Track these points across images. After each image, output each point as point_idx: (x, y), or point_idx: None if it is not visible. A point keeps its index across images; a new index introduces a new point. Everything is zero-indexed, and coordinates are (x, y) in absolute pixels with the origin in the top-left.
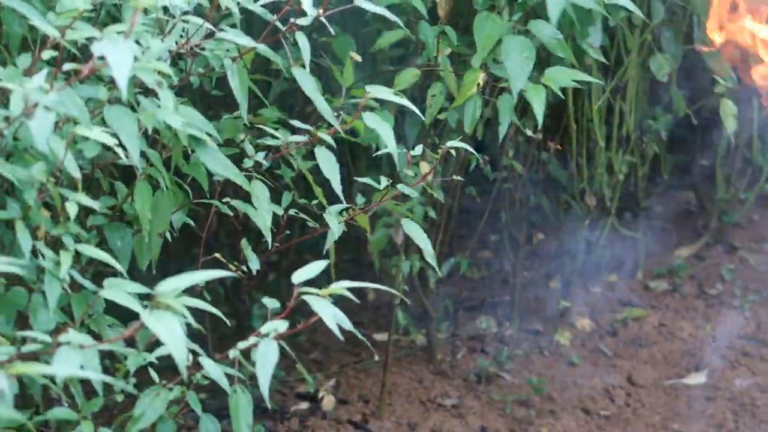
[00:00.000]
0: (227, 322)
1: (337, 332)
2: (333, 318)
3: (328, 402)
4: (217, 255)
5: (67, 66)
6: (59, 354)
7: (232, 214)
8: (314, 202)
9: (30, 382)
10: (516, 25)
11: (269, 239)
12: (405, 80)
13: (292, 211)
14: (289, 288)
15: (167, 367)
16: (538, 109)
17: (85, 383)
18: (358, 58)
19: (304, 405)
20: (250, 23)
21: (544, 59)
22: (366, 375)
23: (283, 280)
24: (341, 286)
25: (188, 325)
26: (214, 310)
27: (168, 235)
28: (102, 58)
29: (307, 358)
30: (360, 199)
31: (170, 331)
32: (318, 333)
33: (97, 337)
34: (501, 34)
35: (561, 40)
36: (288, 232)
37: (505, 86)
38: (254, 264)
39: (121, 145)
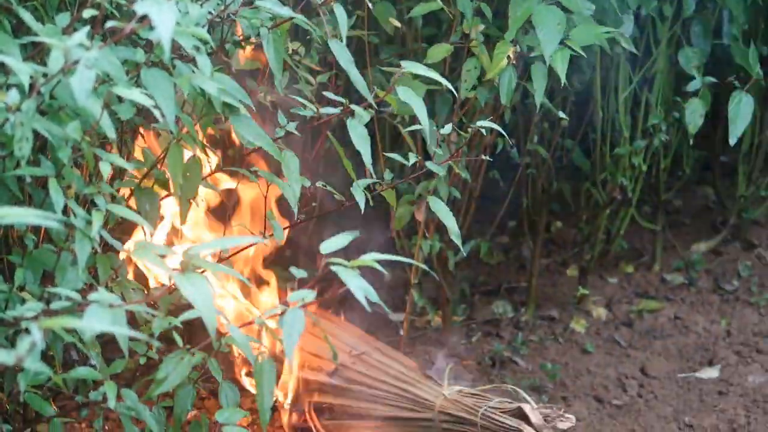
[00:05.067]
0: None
1: (365, 304)
2: (361, 290)
3: None
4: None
5: (109, 24)
6: (90, 311)
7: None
8: None
9: (52, 341)
10: None
11: (295, 210)
12: (437, 54)
13: (319, 184)
14: (307, 264)
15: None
16: (561, 69)
17: (103, 349)
18: (398, 23)
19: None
20: None
21: None
22: None
23: (301, 255)
24: (371, 258)
25: None
26: (240, 276)
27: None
28: (142, 18)
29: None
30: (388, 175)
31: (201, 294)
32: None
33: (122, 299)
34: (533, 8)
35: (592, 9)
36: (314, 203)
37: (533, 61)
38: (279, 234)
39: (156, 107)
